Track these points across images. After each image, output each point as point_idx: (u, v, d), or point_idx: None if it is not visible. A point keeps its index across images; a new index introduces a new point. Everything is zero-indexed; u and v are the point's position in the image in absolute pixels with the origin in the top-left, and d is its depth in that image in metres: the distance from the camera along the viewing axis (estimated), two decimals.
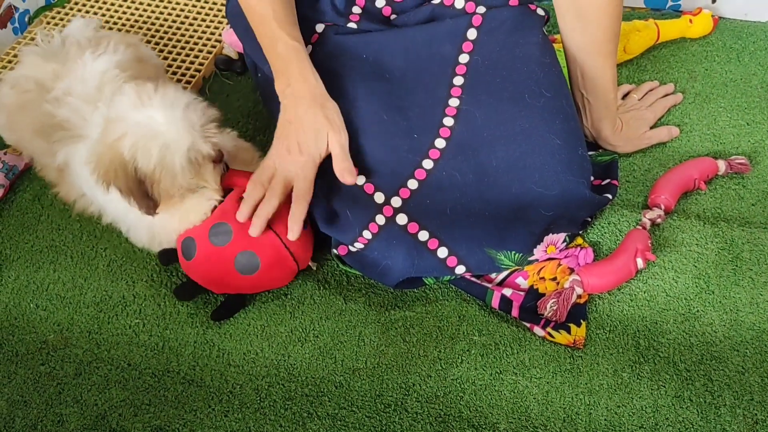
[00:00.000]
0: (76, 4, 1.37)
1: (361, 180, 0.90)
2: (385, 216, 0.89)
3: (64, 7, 1.37)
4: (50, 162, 0.96)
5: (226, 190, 0.92)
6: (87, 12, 1.36)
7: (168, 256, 0.96)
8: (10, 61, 1.26)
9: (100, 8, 1.36)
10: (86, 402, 0.87)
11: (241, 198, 0.90)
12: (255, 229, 0.87)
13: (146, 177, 0.83)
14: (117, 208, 0.93)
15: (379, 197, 0.89)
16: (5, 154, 1.10)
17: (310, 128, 0.87)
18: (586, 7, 0.93)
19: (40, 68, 0.98)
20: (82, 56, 0.96)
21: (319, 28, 0.98)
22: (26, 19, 1.34)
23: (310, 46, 0.97)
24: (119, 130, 0.82)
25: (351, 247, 0.90)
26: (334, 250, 0.92)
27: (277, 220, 0.89)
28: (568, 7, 0.95)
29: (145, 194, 0.84)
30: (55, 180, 1.01)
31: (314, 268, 0.98)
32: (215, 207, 0.91)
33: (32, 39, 1.30)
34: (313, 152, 0.87)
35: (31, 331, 0.94)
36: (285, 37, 0.90)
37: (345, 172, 0.87)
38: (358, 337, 0.92)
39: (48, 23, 1.34)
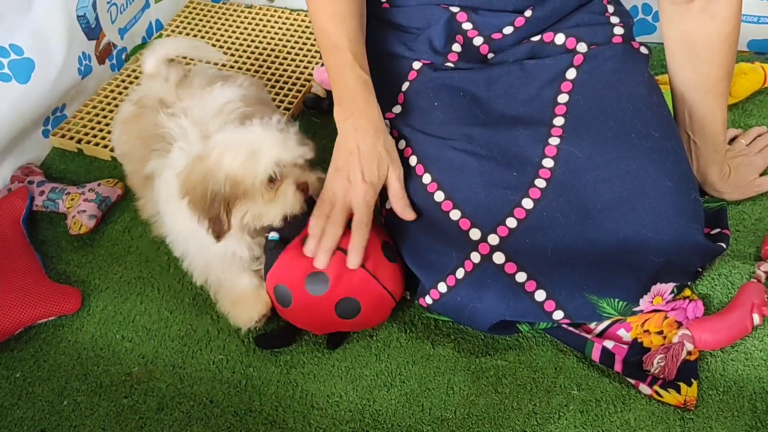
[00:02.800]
0: None
1: (456, 215, 0.87)
2: (480, 254, 0.85)
3: None
4: (141, 169, 0.96)
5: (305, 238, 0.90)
6: None
7: (268, 341, 0.93)
8: (107, 96, 1.30)
9: None
10: None
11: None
12: (320, 262, 0.85)
13: (224, 193, 0.84)
14: (180, 231, 0.92)
15: (474, 233, 0.86)
16: (99, 185, 1.12)
17: (372, 158, 0.88)
18: (700, 43, 0.89)
19: (166, 89, 1.00)
20: (207, 86, 0.98)
21: (417, 65, 0.97)
22: (123, 57, 1.38)
23: (407, 83, 0.96)
24: (212, 144, 0.85)
25: (437, 290, 0.87)
26: (420, 300, 0.89)
27: (370, 261, 0.87)
28: (678, 42, 0.91)
29: (217, 216, 0.84)
30: (138, 189, 1.01)
31: (408, 297, 0.95)
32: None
33: (128, 75, 1.34)
34: (374, 181, 0.88)
35: (116, 363, 0.93)
36: (358, 69, 0.90)
37: (406, 208, 0.89)
38: (446, 385, 0.88)
39: None
